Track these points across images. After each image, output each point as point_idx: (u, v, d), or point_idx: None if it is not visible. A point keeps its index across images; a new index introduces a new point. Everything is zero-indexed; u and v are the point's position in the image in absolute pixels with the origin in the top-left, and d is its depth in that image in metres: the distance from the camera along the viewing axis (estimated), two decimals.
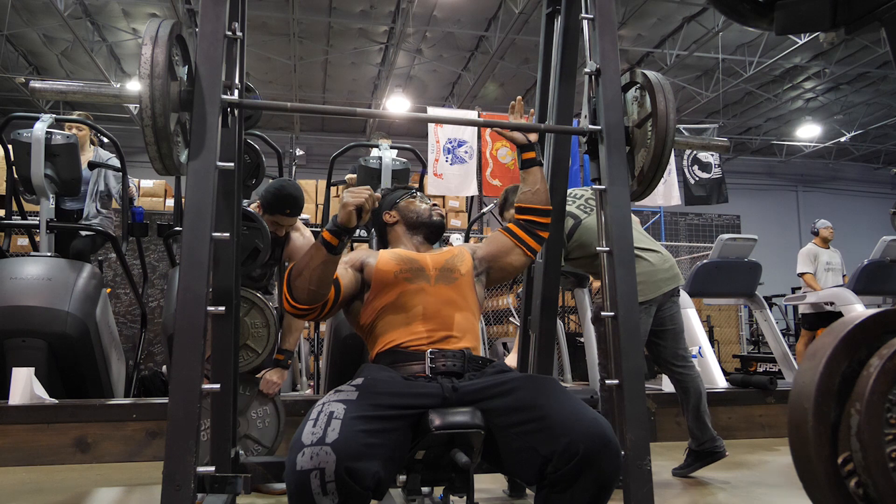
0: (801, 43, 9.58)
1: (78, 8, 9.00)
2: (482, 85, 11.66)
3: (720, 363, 4.56)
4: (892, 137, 14.88)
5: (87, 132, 4.37)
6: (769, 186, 16.14)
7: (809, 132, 14.20)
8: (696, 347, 4.17)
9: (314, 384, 4.94)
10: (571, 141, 2.32)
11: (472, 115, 7.07)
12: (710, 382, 4.06)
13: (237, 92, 1.78)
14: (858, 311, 2.89)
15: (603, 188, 1.73)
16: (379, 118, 8.96)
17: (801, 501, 1.17)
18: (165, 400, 1.43)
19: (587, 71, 1.82)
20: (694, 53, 10.25)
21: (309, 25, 10.01)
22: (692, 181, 8.21)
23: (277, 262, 3.05)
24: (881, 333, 1.15)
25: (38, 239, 3.92)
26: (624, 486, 1.49)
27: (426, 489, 1.88)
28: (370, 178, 3.71)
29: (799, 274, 6.14)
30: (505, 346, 6.06)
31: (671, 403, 3.59)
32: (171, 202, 6.66)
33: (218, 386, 1.45)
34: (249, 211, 2.68)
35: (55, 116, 3.82)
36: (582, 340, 4.24)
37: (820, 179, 16.47)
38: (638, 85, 1.85)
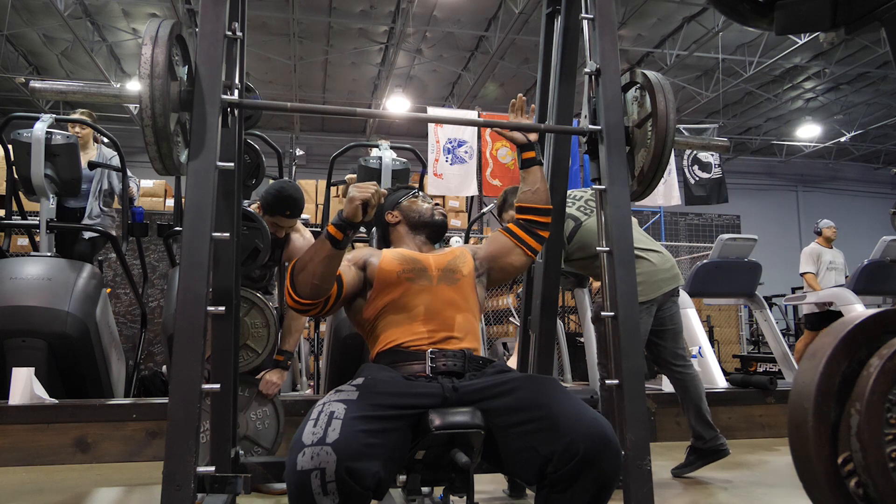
0: (801, 43, 9.58)
1: (78, 8, 9.00)
2: (482, 85, 11.66)
3: (720, 363, 4.56)
4: (892, 137, 14.88)
5: (90, 130, 4.38)
6: (769, 186, 16.14)
7: (809, 132, 14.20)
8: (696, 347, 4.16)
9: (314, 384, 4.94)
10: (571, 141, 2.32)
11: (472, 115, 7.07)
12: (710, 382, 4.06)
13: (237, 92, 1.78)
14: (858, 311, 2.90)
15: (603, 188, 1.73)
16: (379, 118, 8.96)
17: (801, 501, 1.17)
18: (165, 400, 1.43)
19: (587, 71, 1.81)
20: (694, 53, 10.25)
21: (309, 25, 10.01)
22: (692, 181, 8.21)
23: (277, 263, 3.05)
24: (881, 333, 1.15)
25: (38, 239, 3.92)
26: (624, 486, 1.49)
27: (426, 489, 1.88)
28: (370, 178, 3.71)
29: (801, 273, 6.14)
30: (505, 346, 6.05)
31: (671, 403, 3.59)
32: (171, 202, 6.66)
33: (218, 386, 1.45)
34: (249, 211, 2.68)
35: (55, 116, 3.82)
36: (582, 340, 4.24)
37: (820, 179, 16.48)
38: (638, 85, 1.85)
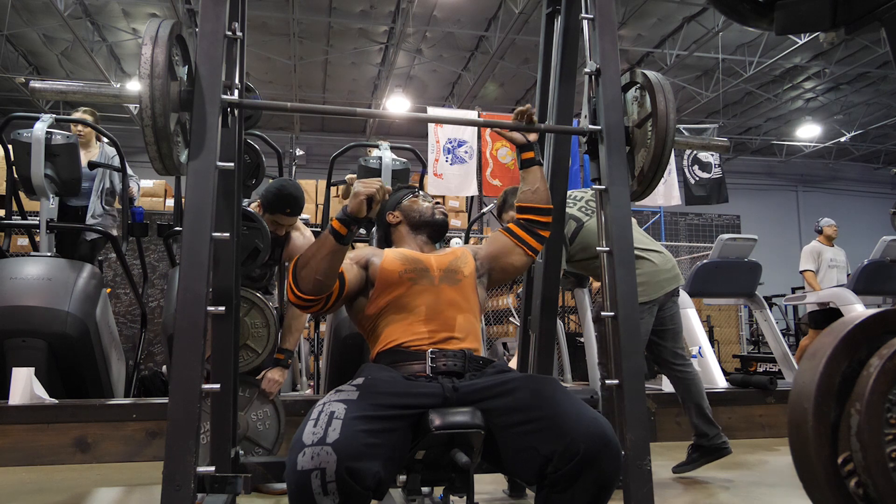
0: (801, 43, 9.58)
1: (78, 8, 9.00)
2: (482, 85, 11.66)
3: (720, 363, 4.56)
4: (892, 137, 14.88)
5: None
6: (769, 186, 16.14)
7: (809, 132, 14.20)
8: (696, 347, 4.16)
9: (314, 384, 4.94)
10: (571, 141, 2.32)
11: (472, 115, 7.07)
12: (710, 382, 4.05)
13: (237, 92, 1.78)
14: (858, 311, 2.89)
15: (603, 188, 1.73)
16: (379, 118, 8.95)
17: (801, 501, 1.17)
18: (165, 400, 1.43)
19: (587, 71, 1.81)
20: (694, 53, 10.25)
21: (309, 25, 10.01)
22: (692, 181, 8.21)
23: (277, 262, 3.05)
24: (881, 333, 1.15)
25: (38, 239, 3.92)
26: (624, 486, 1.49)
27: (426, 489, 1.88)
28: (371, 178, 3.70)
29: (801, 271, 6.14)
30: (505, 346, 6.05)
31: (671, 403, 3.59)
32: (171, 202, 6.65)
33: (218, 386, 1.45)
34: (249, 211, 2.67)
35: (55, 116, 3.82)
36: (582, 340, 4.24)
37: (820, 179, 16.48)
38: (638, 85, 1.85)
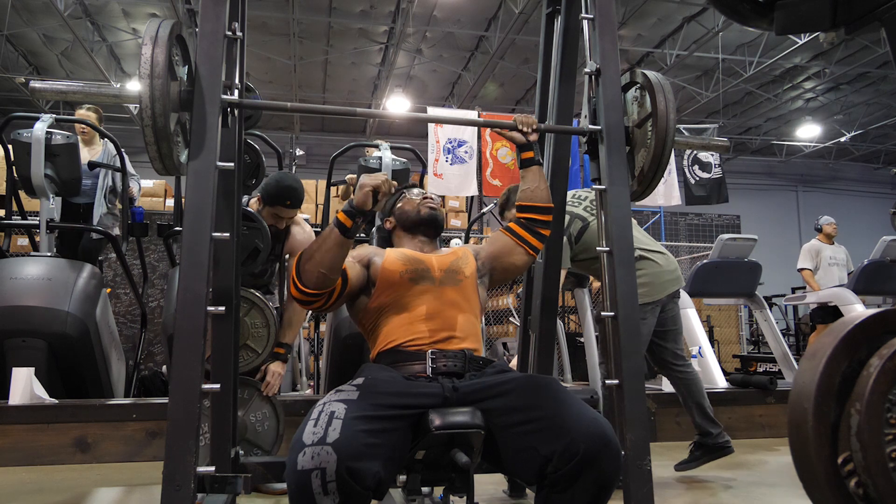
0: (801, 43, 9.58)
1: (78, 8, 9.00)
2: (482, 85, 11.66)
3: (720, 363, 4.56)
4: (892, 137, 14.88)
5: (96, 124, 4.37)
6: (769, 186, 16.14)
7: (809, 132, 14.20)
8: (696, 347, 4.16)
9: (314, 384, 4.94)
10: (571, 141, 2.32)
11: (472, 115, 7.06)
12: (710, 382, 4.05)
13: (237, 92, 1.78)
14: (858, 311, 2.89)
15: (603, 188, 1.73)
16: (379, 118, 8.95)
17: (801, 501, 1.17)
18: (165, 400, 1.43)
19: (587, 71, 1.81)
20: (694, 53, 10.24)
21: (309, 25, 10.01)
22: (692, 181, 8.21)
23: (278, 258, 3.04)
24: (881, 333, 1.15)
25: (38, 239, 3.92)
26: (624, 486, 1.49)
27: (426, 489, 1.88)
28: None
29: (798, 269, 6.14)
30: (505, 346, 6.05)
31: (671, 403, 3.59)
32: (171, 202, 6.66)
33: (218, 386, 1.45)
34: (249, 211, 2.68)
35: (55, 116, 3.82)
36: (582, 340, 4.24)
37: (820, 179, 16.48)
38: (638, 85, 1.85)
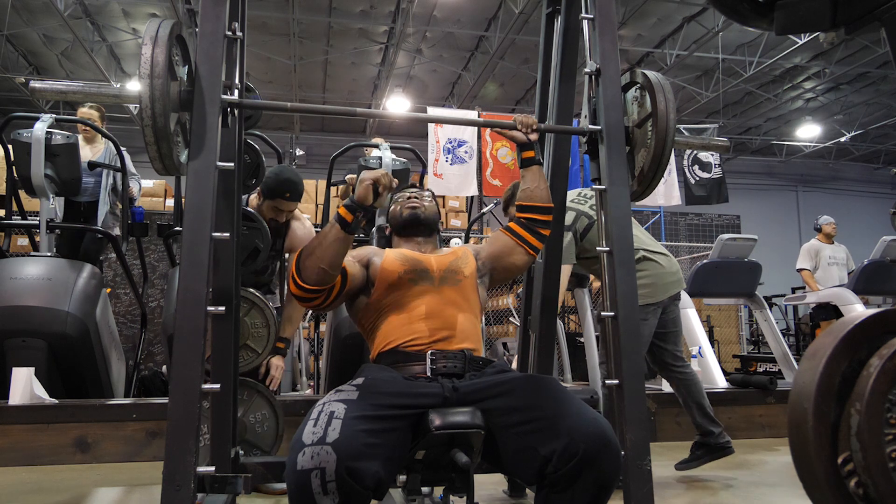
0: (801, 43, 9.58)
1: (78, 8, 9.00)
2: (482, 85, 11.65)
3: (720, 363, 4.56)
4: (892, 137, 14.88)
5: (98, 125, 4.36)
6: (769, 186, 16.14)
7: (809, 132, 14.20)
8: (696, 347, 4.16)
9: (314, 384, 4.94)
10: (571, 141, 2.32)
11: (472, 115, 7.06)
12: (710, 382, 4.05)
13: (237, 92, 1.77)
14: (858, 311, 2.89)
15: (603, 188, 1.73)
16: (379, 118, 8.95)
17: (801, 501, 1.17)
18: (165, 400, 1.43)
19: (587, 71, 1.81)
20: (694, 53, 10.24)
21: (309, 25, 10.01)
22: (692, 181, 8.20)
23: (279, 253, 3.04)
24: (881, 333, 1.15)
25: (38, 239, 3.92)
26: (624, 486, 1.49)
27: (426, 489, 1.88)
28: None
29: (797, 269, 6.13)
30: (505, 346, 6.05)
31: (671, 403, 3.59)
32: (171, 202, 6.66)
33: (218, 386, 1.45)
34: (249, 211, 2.68)
35: (55, 116, 3.82)
36: (582, 340, 4.24)
37: (820, 179, 16.47)
38: (638, 85, 1.85)
